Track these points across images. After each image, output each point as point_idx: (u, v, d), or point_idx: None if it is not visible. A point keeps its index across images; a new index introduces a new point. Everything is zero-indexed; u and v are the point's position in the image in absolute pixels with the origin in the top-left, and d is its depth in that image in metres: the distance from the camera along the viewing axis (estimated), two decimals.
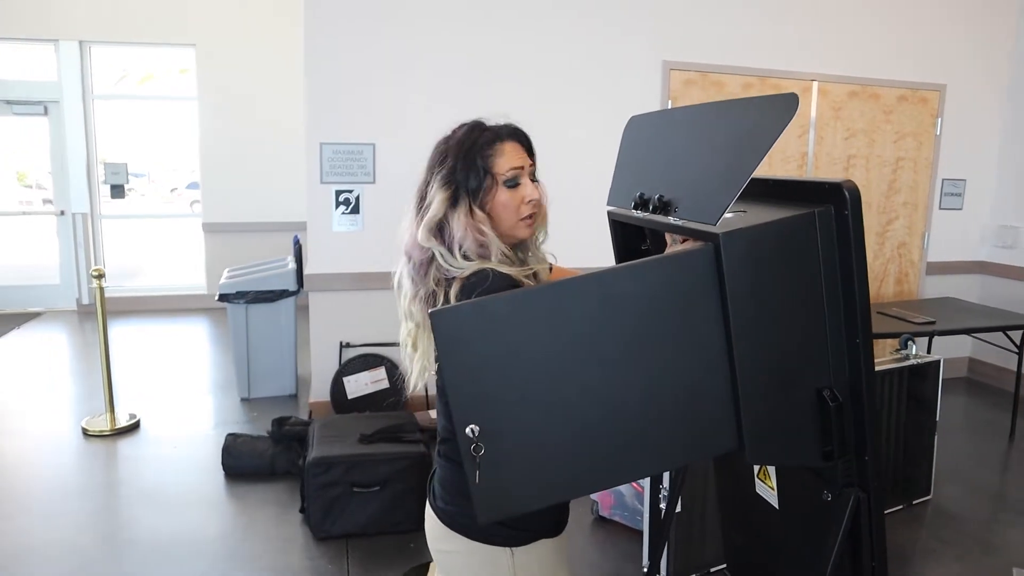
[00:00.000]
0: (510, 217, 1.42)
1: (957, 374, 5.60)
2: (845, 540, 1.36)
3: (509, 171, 1.41)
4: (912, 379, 3.45)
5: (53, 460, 3.93)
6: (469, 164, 1.39)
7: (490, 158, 1.40)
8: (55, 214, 7.43)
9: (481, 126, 1.45)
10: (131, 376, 5.25)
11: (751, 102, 1.30)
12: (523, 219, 1.43)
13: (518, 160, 1.42)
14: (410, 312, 1.46)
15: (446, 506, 1.47)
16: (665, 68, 4.61)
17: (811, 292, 1.28)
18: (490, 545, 1.42)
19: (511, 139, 1.43)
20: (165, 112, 8.40)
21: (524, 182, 1.43)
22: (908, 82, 5.11)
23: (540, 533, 1.45)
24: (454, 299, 1.33)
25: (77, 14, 6.96)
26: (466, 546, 1.44)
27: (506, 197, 1.41)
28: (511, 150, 1.42)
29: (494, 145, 1.41)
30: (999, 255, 5.47)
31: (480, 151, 1.40)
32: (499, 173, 1.40)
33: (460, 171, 1.40)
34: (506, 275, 1.34)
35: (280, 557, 3.04)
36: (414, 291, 1.44)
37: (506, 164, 1.41)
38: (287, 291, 4.87)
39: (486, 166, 1.40)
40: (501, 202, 1.41)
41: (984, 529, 3.39)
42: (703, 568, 2.87)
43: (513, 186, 1.42)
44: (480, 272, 1.34)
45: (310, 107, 4.14)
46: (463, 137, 1.42)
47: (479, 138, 1.42)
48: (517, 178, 1.42)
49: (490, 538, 1.42)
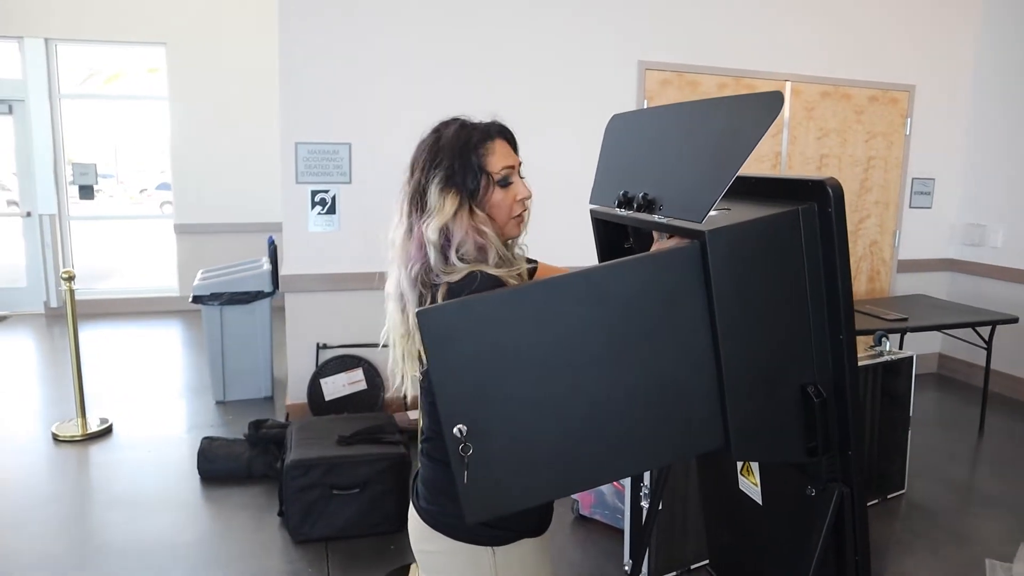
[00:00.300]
0: (503, 216, 1.41)
1: (928, 370, 5.70)
2: (829, 535, 1.38)
3: (502, 170, 1.39)
4: (886, 375, 3.51)
5: (23, 467, 3.84)
6: (465, 164, 1.37)
7: (484, 157, 1.38)
8: (21, 215, 7.28)
9: (470, 124, 1.42)
10: (102, 380, 5.15)
11: (735, 100, 1.31)
12: (514, 217, 1.43)
13: (509, 159, 1.41)
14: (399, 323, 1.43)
15: (428, 506, 1.46)
16: (641, 68, 4.63)
17: (795, 289, 1.29)
18: (472, 545, 1.42)
19: (500, 137, 1.42)
20: (134, 112, 8.27)
21: (515, 180, 1.42)
22: (878, 83, 5.19)
23: (522, 533, 1.44)
24: (441, 300, 1.31)
25: (43, 11, 6.82)
26: (449, 546, 1.43)
27: (500, 196, 1.40)
28: (501, 148, 1.41)
29: (486, 143, 1.39)
30: (967, 252, 5.58)
31: (474, 150, 1.38)
32: (494, 172, 1.39)
33: (458, 171, 1.37)
34: (494, 277, 1.32)
35: (259, 561, 3.00)
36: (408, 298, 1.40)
37: (499, 163, 1.39)
38: (262, 292, 4.82)
39: (481, 165, 1.38)
40: (495, 202, 1.39)
41: (957, 522, 3.45)
42: (684, 565, 2.88)
43: (506, 185, 1.40)
44: (468, 275, 1.31)
45: (285, 106, 4.10)
46: (455, 136, 1.39)
47: (471, 137, 1.39)
48: (509, 177, 1.41)
49: (472, 538, 1.41)
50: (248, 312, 4.80)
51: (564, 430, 1.21)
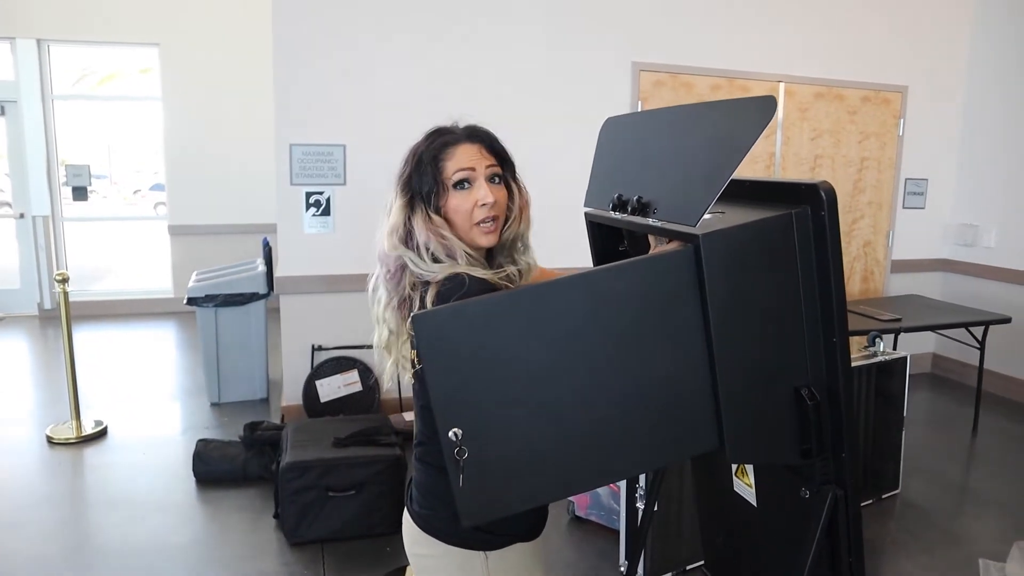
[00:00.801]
0: (463, 222, 1.38)
1: (921, 370, 5.72)
2: (823, 537, 1.39)
3: (455, 173, 1.37)
4: (880, 376, 3.52)
5: (17, 469, 3.82)
6: (421, 169, 1.38)
7: (440, 162, 1.38)
8: (14, 217, 7.25)
9: (440, 131, 1.43)
10: (97, 382, 5.14)
11: (729, 104, 1.32)
12: (478, 224, 1.38)
13: (468, 161, 1.38)
14: (383, 318, 1.44)
15: (421, 509, 1.46)
16: (635, 69, 4.64)
17: (789, 292, 1.29)
18: (464, 549, 1.41)
19: (467, 141, 1.40)
20: (127, 113, 8.25)
21: (477, 184, 1.38)
22: (871, 83, 5.21)
23: (515, 537, 1.44)
24: (430, 305, 1.31)
25: (35, 11, 6.79)
26: (441, 550, 1.43)
27: (457, 201, 1.37)
28: (463, 152, 1.38)
29: (446, 149, 1.38)
30: (960, 253, 5.61)
31: (432, 155, 1.38)
32: (446, 177, 1.37)
33: (414, 177, 1.38)
34: (482, 279, 1.32)
35: (254, 563, 3.00)
36: (388, 298, 1.43)
37: (453, 167, 1.37)
38: (257, 294, 4.81)
39: (436, 170, 1.37)
40: (452, 206, 1.37)
41: (951, 521, 3.46)
42: (679, 566, 2.89)
43: (462, 188, 1.37)
44: (456, 277, 1.31)
45: (279, 108, 4.09)
46: (420, 143, 1.41)
47: (433, 143, 1.40)
48: (466, 180, 1.37)
49: (464, 542, 1.41)
50: (243, 314, 4.80)
51: (559, 433, 1.21)
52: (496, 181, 1.41)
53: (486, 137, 1.43)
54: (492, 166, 1.40)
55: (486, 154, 1.40)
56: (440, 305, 1.28)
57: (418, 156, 1.39)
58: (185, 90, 7.18)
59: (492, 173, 1.40)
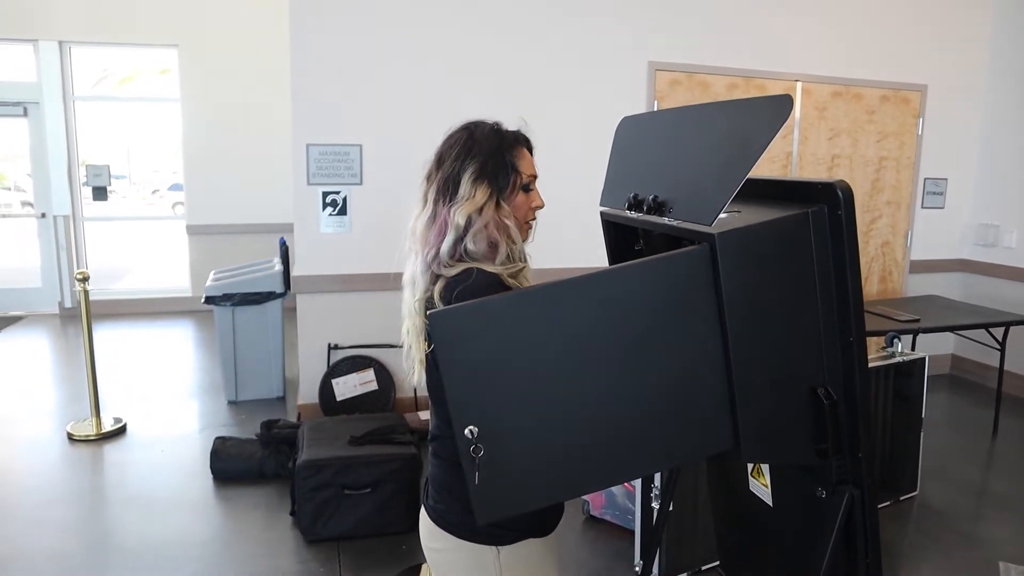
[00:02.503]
0: (519, 219, 1.48)
1: (940, 371, 5.66)
2: (840, 537, 1.38)
3: (528, 176, 1.49)
4: (898, 377, 3.49)
5: (38, 466, 3.88)
6: (499, 161, 1.44)
7: (516, 159, 1.46)
8: (36, 216, 7.35)
9: (502, 128, 1.50)
10: (116, 380, 5.19)
11: (745, 103, 1.31)
12: (526, 223, 1.51)
13: (533, 168, 1.51)
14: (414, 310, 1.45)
15: (435, 504, 1.49)
16: (651, 68, 4.63)
17: (805, 291, 1.29)
18: (477, 544, 1.43)
19: (525, 146, 1.51)
20: (147, 113, 8.34)
21: (535, 189, 1.52)
22: (890, 83, 5.17)
23: (527, 533, 1.45)
24: (438, 295, 1.36)
25: (57, 14, 6.88)
26: (454, 544, 1.45)
27: (521, 200, 1.48)
28: (527, 156, 1.50)
29: (517, 147, 1.48)
30: (980, 253, 5.55)
31: (507, 150, 1.46)
32: (523, 174, 1.47)
33: (491, 167, 1.43)
34: (490, 273, 1.37)
35: (270, 561, 3.02)
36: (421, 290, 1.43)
37: (527, 169, 1.49)
38: (274, 293, 4.84)
39: (515, 165, 1.46)
40: (516, 203, 1.47)
41: (969, 524, 3.43)
42: (695, 566, 2.88)
43: (528, 191, 1.49)
44: (465, 271, 1.37)
45: (296, 108, 4.12)
46: (490, 135, 1.46)
47: (504, 138, 1.47)
48: (532, 184, 1.50)
49: (476, 536, 1.43)
50: (260, 313, 4.83)
51: (574, 432, 1.22)
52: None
53: (532, 147, 1.54)
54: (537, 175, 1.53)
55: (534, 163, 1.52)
56: (447, 295, 1.34)
57: (494, 147, 1.45)
58: (203, 91, 7.24)
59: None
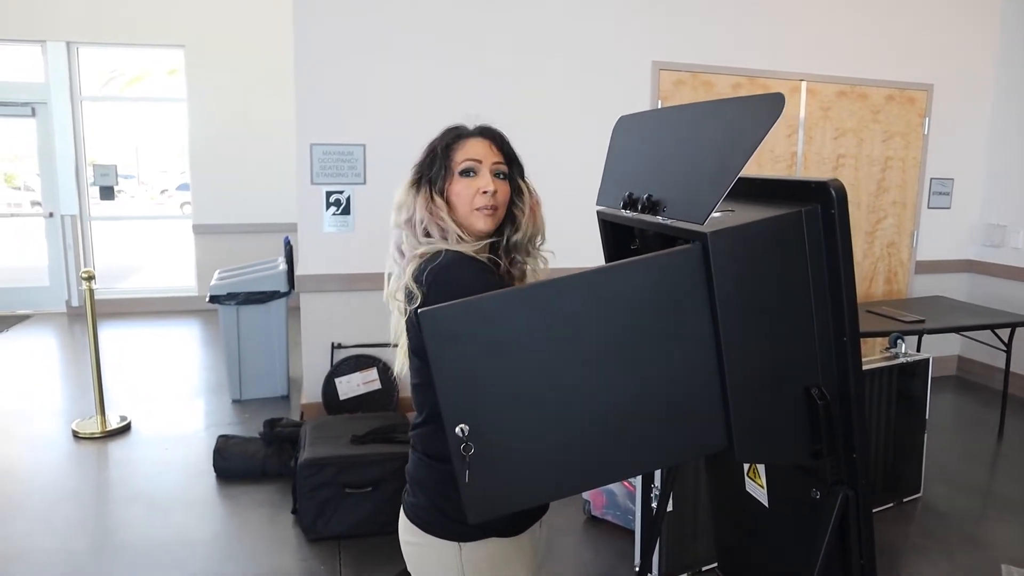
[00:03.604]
0: (464, 206, 1.47)
1: (946, 372, 5.63)
2: (834, 538, 1.37)
3: (464, 161, 1.47)
4: (902, 377, 3.47)
5: (43, 463, 3.90)
6: (432, 156, 1.50)
7: (451, 150, 1.49)
8: (44, 216, 7.39)
9: (455, 127, 1.53)
10: (122, 378, 5.22)
11: (738, 102, 1.31)
12: (478, 209, 1.46)
13: (477, 153, 1.48)
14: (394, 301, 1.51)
15: (408, 497, 1.52)
16: (655, 68, 4.62)
17: (799, 291, 1.28)
18: (440, 539, 1.45)
19: (479, 136, 1.51)
20: (154, 114, 8.38)
21: (482, 174, 1.48)
22: (896, 82, 5.15)
23: (490, 531, 1.44)
24: (410, 277, 1.39)
25: (64, 15, 6.92)
26: (420, 538, 1.48)
27: (460, 186, 1.47)
28: (473, 144, 1.49)
29: (458, 140, 1.50)
30: (987, 254, 5.51)
31: (445, 145, 1.49)
32: (454, 164, 1.48)
33: (425, 163, 1.50)
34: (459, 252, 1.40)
35: (272, 558, 3.03)
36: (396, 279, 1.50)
37: (463, 156, 1.48)
38: (278, 292, 4.86)
39: (445, 156, 1.48)
40: (455, 191, 1.47)
41: (973, 526, 3.41)
42: (695, 567, 2.88)
43: (468, 176, 1.47)
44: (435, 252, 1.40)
45: (300, 108, 4.13)
46: (436, 137, 1.53)
47: (448, 135, 1.51)
48: (472, 169, 1.47)
49: (441, 532, 1.45)
50: (264, 312, 4.85)
51: (566, 430, 1.21)
52: (501, 177, 1.50)
53: (496, 136, 1.53)
54: (499, 163, 1.50)
55: (495, 151, 1.50)
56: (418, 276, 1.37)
57: (432, 146, 1.52)
58: (209, 91, 7.27)
59: (497, 169, 1.49)
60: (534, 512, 1.53)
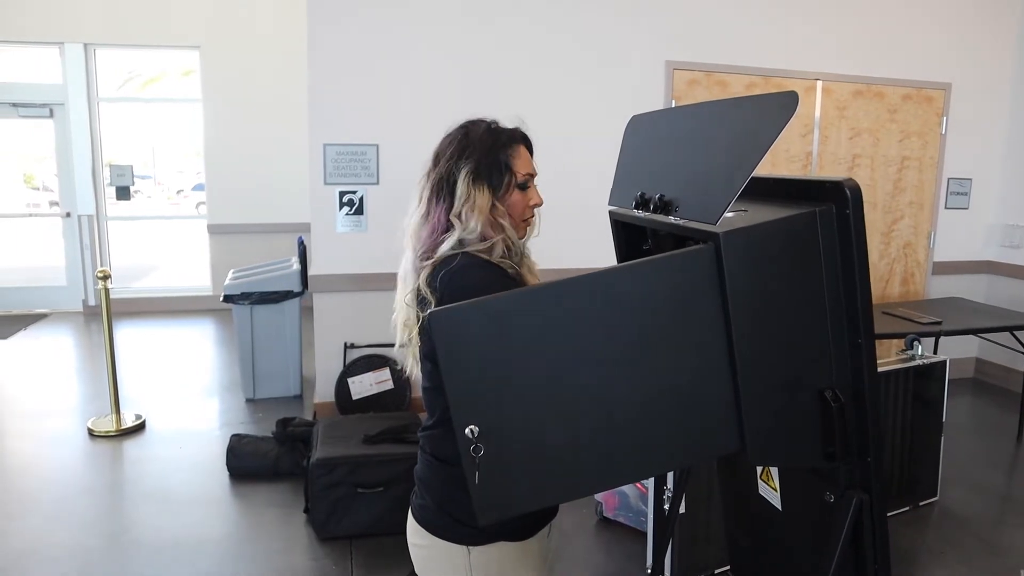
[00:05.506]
0: (516, 216, 1.49)
1: (964, 375, 5.57)
2: (848, 542, 1.35)
3: (524, 174, 1.49)
4: (918, 380, 3.44)
5: (59, 461, 3.94)
6: (493, 161, 1.45)
7: (511, 158, 1.47)
8: (61, 216, 7.46)
9: (498, 126, 1.51)
10: (137, 377, 5.26)
11: (751, 101, 1.29)
12: (523, 221, 1.51)
13: (530, 166, 1.51)
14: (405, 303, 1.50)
15: (416, 499, 1.52)
16: (668, 68, 4.60)
17: (812, 292, 1.27)
18: (448, 542, 1.44)
19: (523, 144, 1.51)
20: (171, 114, 8.44)
21: (532, 187, 1.52)
22: (913, 81, 5.09)
23: (499, 535, 1.44)
24: (424, 282, 1.38)
25: (82, 17, 6.99)
26: (428, 540, 1.47)
27: (517, 198, 1.48)
28: (524, 154, 1.50)
29: (513, 146, 1.48)
30: (1006, 255, 5.45)
31: (502, 149, 1.47)
32: (518, 173, 1.48)
33: (485, 166, 1.45)
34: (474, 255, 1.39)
35: (284, 557, 3.04)
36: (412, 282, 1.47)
37: (523, 167, 1.49)
38: (291, 292, 4.88)
39: (509, 164, 1.47)
40: (512, 202, 1.48)
41: (991, 531, 3.37)
42: (707, 569, 2.86)
43: (524, 189, 1.49)
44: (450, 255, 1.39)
45: (313, 108, 4.15)
46: (485, 134, 1.48)
47: (499, 137, 1.48)
48: (528, 182, 1.50)
49: (449, 535, 1.44)
50: (278, 311, 4.87)
51: (576, 432, 1.20)
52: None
53: (531, 144, 1.55)
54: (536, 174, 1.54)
55: (532, 160, 1.53)
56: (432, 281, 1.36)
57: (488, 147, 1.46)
58: (224, 92, 7.31)
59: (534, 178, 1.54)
60: (543, 516, 1.52)
